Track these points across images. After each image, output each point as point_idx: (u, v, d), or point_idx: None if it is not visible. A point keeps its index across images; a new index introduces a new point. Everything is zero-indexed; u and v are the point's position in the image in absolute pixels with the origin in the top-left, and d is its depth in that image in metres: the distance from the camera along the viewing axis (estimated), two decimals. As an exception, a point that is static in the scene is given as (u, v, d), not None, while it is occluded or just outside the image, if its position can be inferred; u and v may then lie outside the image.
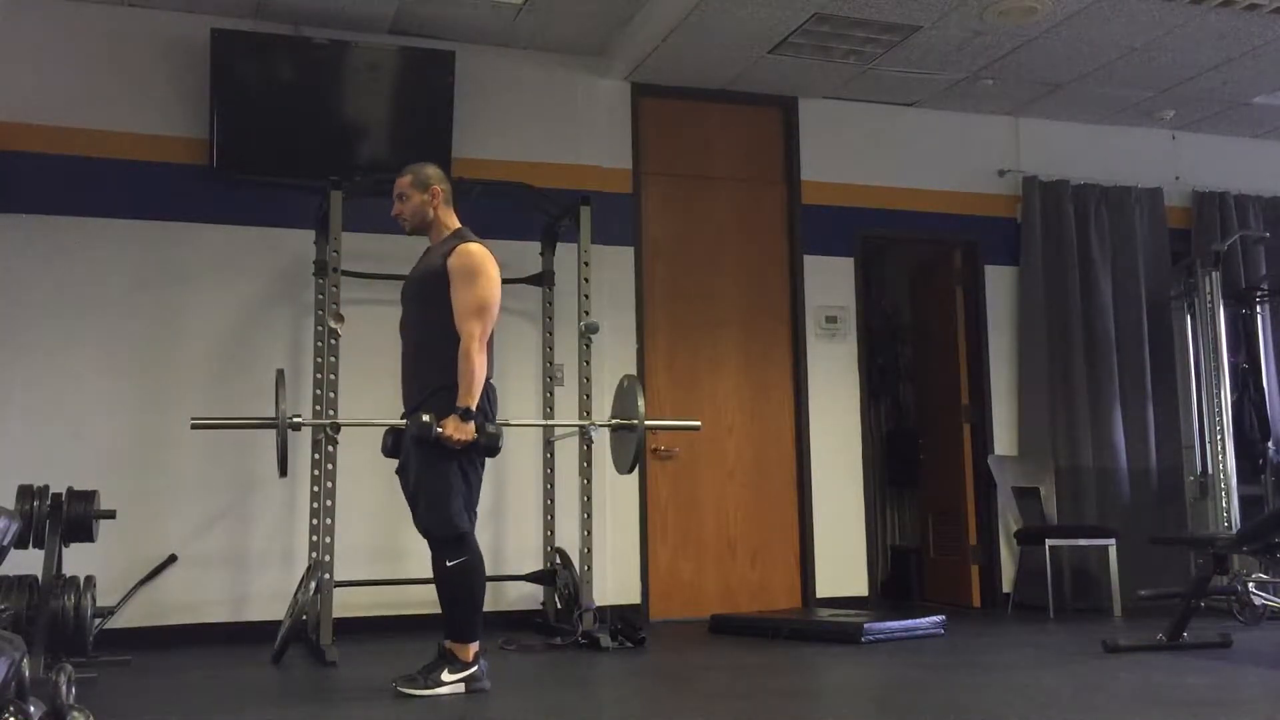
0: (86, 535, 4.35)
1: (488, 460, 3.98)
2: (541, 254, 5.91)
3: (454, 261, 3.92)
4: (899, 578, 7.58)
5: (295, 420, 4.82)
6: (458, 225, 4.14)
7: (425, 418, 3.76)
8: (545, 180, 5.93)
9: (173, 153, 5.70)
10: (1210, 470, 6.71)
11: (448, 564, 3.81)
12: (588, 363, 5.41)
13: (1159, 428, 7.03)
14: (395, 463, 4.06)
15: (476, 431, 3.79)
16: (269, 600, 5.43)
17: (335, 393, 4.92)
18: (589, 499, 5.34)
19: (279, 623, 4.92)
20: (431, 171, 4.15)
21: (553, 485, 5.81)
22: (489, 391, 3.93)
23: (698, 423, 5.74)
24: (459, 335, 3.84)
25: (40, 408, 5.37)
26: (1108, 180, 7.20)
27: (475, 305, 3.86)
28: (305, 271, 5.67)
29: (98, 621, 4.58)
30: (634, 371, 6.06)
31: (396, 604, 5.52)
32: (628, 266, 6.35)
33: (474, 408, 3.78)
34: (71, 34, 5.65)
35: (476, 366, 3.80)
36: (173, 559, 5.44)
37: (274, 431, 4.70)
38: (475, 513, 3.90)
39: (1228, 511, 6.53)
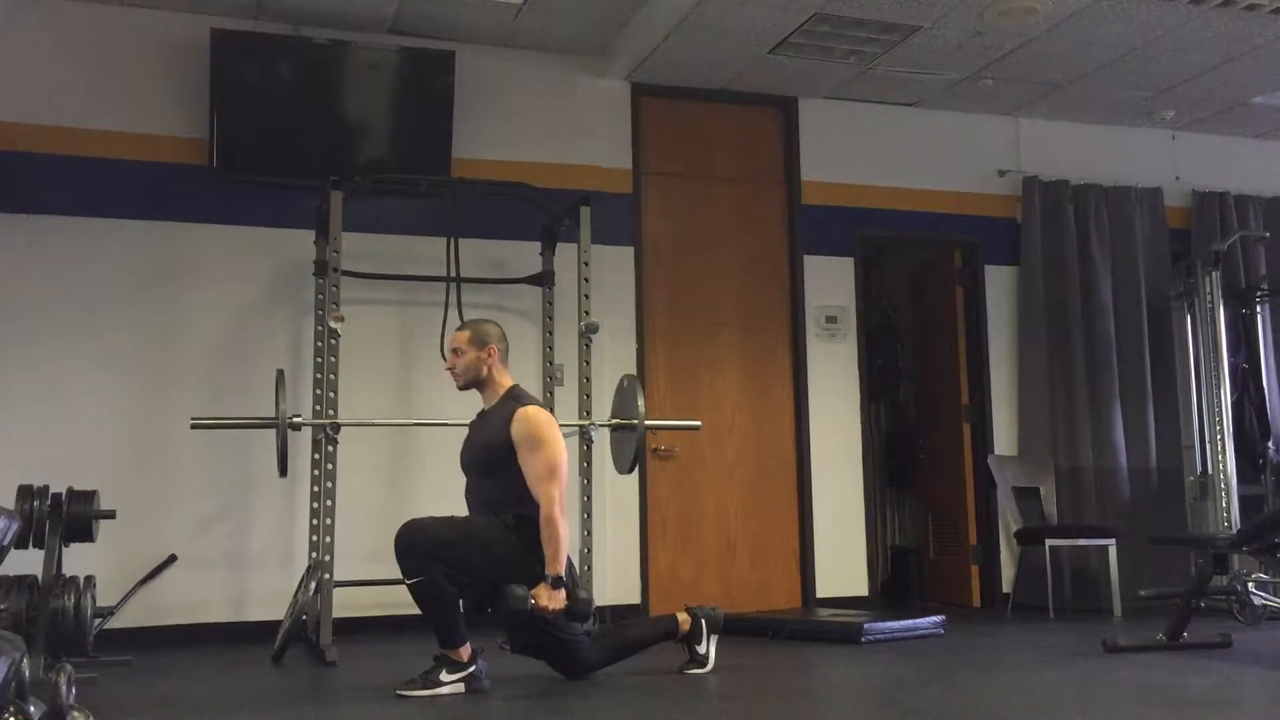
0: (86, 535, 4.35)
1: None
2: (541, 254, 5.90)
3: (517, 430, 3.91)
4: (899, 578, 7.58)
5: (295, 420, 4.83)
6: (511, 383, 4.14)
7: (519, 591, 3.74)
8: (545, 180, 5.93)
9: (173, 153, 5.70)
10: (1210, 470, 6.71)
11: (406, 582, 3.84)
12: (588, 363, 5.41)
13: (1159, 428, 7.02)
14: (395, 461, 4.06)
15: (567, 598, 3.80)
16: (269, 600, 5.43)
17: (335, 393, 4.92)
18: (589, 499, 5.34)
19: (279, 623, 4.92)
20: (490, 330, 4.16)
21: (553, 485, 5.80)
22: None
23: (698, 423, 5.75)
24: (532, 499, 3.84)
25: (40, 408, 5.37)
26: (1108, 180, 7.20)
27: (547, 470, 3.86)
28: (305, 271, 5.67)
29: (98, 621, 4.58)
30: (634, 371, 6.06)
31: (396, 604, 5.47)
32: (628, 266, 6.35)
33: (562, 574, 3.80)
34: (71, 34, 5.65)
35: (561, 532, 3.81)
36: (173, 559, 5.44)
37: (274, 431, 4.70)
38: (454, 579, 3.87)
39: (1228, 511, 6.53)
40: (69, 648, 4.02)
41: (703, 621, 4.22)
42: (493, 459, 3.96)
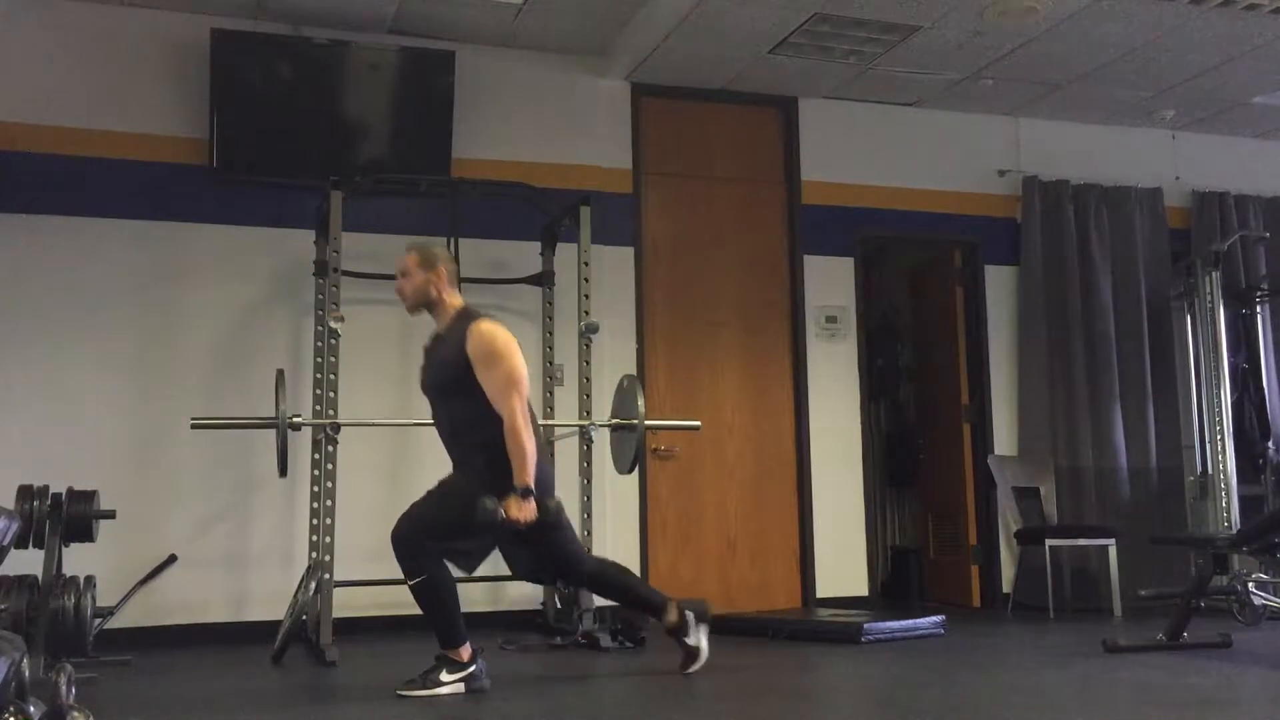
0: (86, 535, 4.35)
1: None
2: (541, 254, 5.91)
3: (472, 346, 3.86)
4: (899, 578, 7.58)
5: (295, 420, 4.83)
6: (461, 303, 4.08)
7: (489, 504, 3.73)
8: (545, 180, 5.93)
9: (173, 153, 5.70)
10: (1210, 470, 6.70)
11: (407, 582, 3.84)
12: (588, 363, 5.41)
13: (1159, 428, 7.02)
14: (395, 461, 4.07)
15: (537, 508, 3.79)
16: (269, 600, 5.43)
17: (335, 393, 4.92)
18: (589, 499, 5.34)
19: (279, 623, 4.92)
20: (438, 251, 4.11)
21: (553, 485, 5.81)
22: (543, 457, 3.94)
23: (698, 423, 5.75)
24: (496, 415, 3.81)
25: (40, 408, 5.37)
26: (1108, 180, 7.20)
27: (505, 382, 3.83)
28: (305, 271, 5.67)
29: (98, 621, 4.58)
30: (634, 371, 6.06)
31: (396, 604, 5.48)
32: (628, 266, 6.35)
33: (530, 484, 3.78)
34: (71, 34, 5.65)
35: (525, 442, 3.78)
36: (173, 559, 5.44)
37: (274, 431, 4.70)
38: (449, 554, 3.89)
39: (1228, 511, 6.53)
40: (69, 648, 4.02)
41: (688, 613, 4.17)
42: (453, 379, 3.90)
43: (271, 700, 4.01)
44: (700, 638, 4.17)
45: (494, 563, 5.35)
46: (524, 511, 3.76)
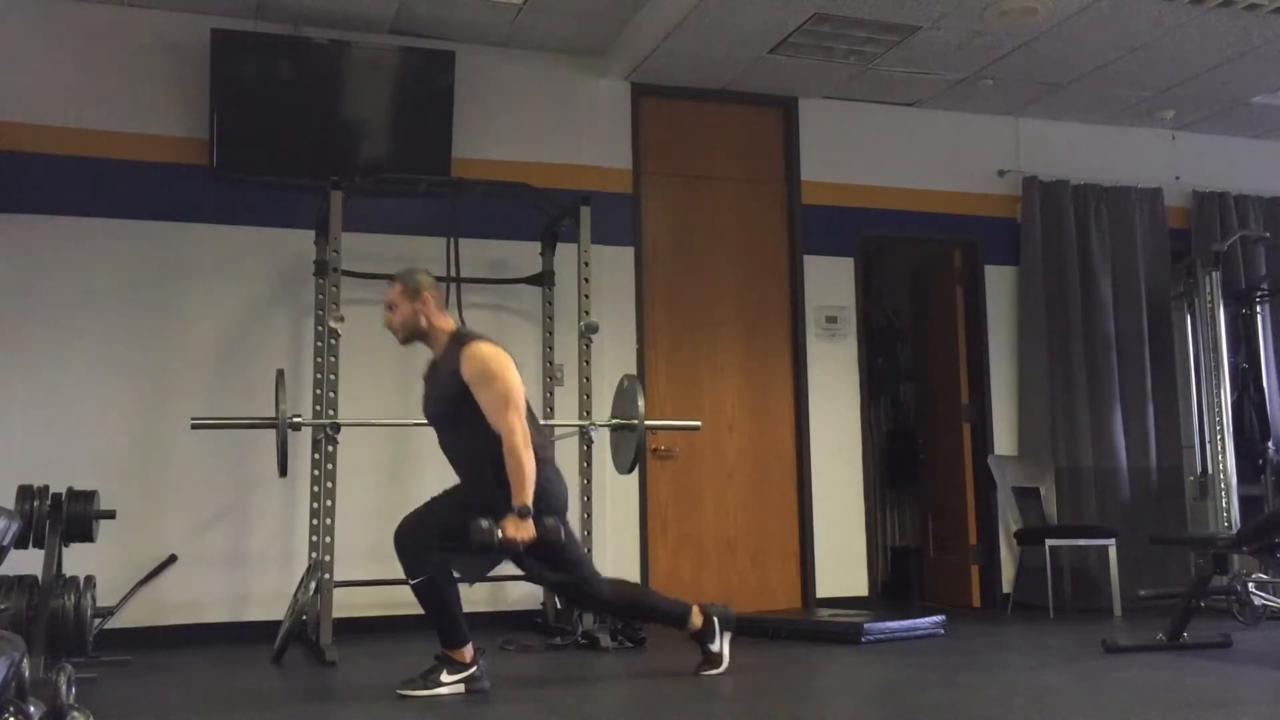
0: (86, 535, 4.35)
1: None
2: (541, 254, 5.91)
3: (466, 369, 3.86)
4: (899, 578, 7.58)
5: (295, 420, 4.83)
6: (452, 326, 4.06)
7: (484, 525, 3.72)
8: (545, 180, 5.93)
9: (173, 153, 5.70)
10: (1210, 470, 6.70)
11: (409, 582, 3.83)
12: (588, 363, 5.41)
13: (1159, 428, 7.03)
14: (395, 461, 4.06)
15: (535, 528, 3.77)
16: (269, 600, 5.43)
17: (335, 393, 4.92)
18: (589, 499, 5.34)
19: (279, 623, 4.92)
20: (423, 279, 4.05)
21: (553, 485, 5.81)
22: (549, 472, 3.92)
23: (698, 423, 5.75)
24: (497, 434, 3.80)
25: (40, 408, 5.37)
26: (1108, 180, 7.20)
27: (502, 401, 3.82)
28: (305, 271, 5.67)
29: (98, 621, 4.58)
30: (634, 371, 6.06)
31: (396, 604, 5.50)
32: (628, 266, 6.35)
33: (529, 503, 3.75)
34: (71, 34, 5.65)
35: (524, 461, 3.76)
36: (173, 559, 5.44)
37: (274, 431, 4.70)
38: (450, 557, 3.87)
39: (1228, 511, 6.53)
40: (69, 648, 4.02)
41: (715, 619, 4.18)
42: (454, 405, 3.90)
43: (271, 700, 4.01)
44: (724, 645, 4.18)
45: (494, 563, 5.35)
46: (521, 531, 3.73)
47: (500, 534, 3.72)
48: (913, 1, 5.51)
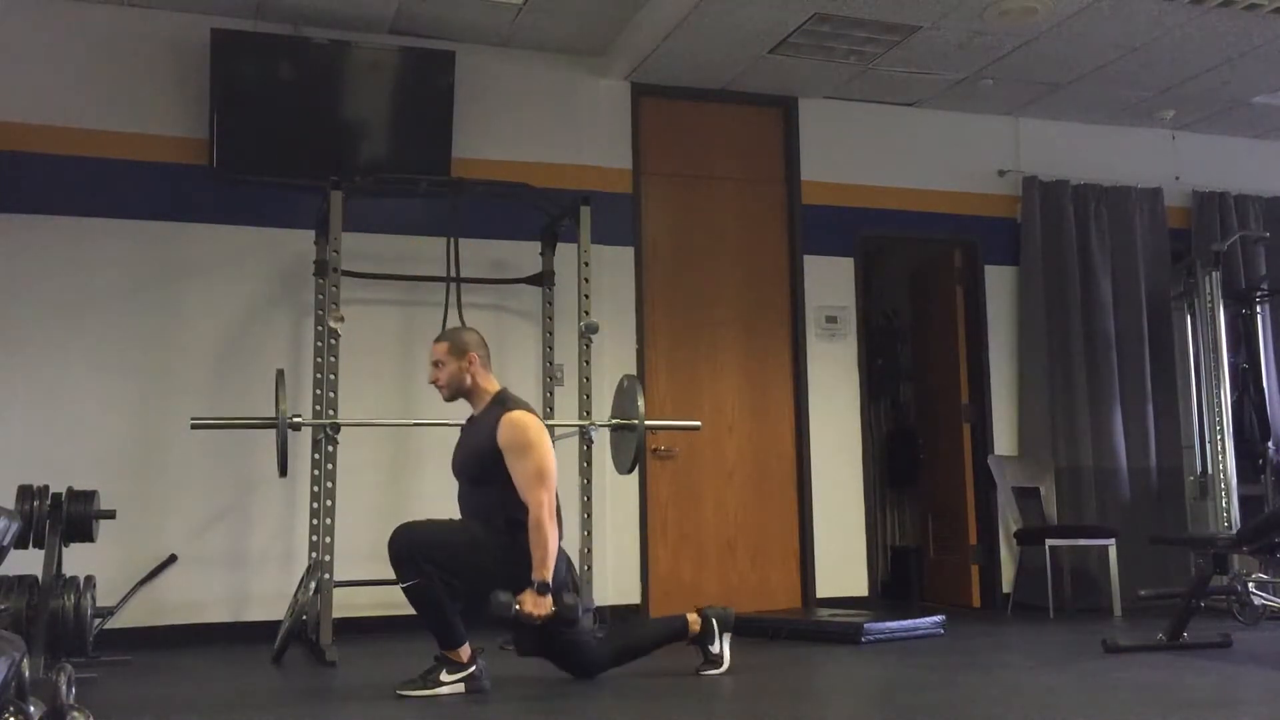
0: (86, 535, 4.35)
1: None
2: (541, 254, 5.90)
3: (504, 436, 3.89)
4: (899, 578, 7.58)
5: (295, 420, 4.83)
6: (497, 388, 4.11)
7: (503, 597, 3.75)
8: (545, 180, 5.93)
9: (173, 153, 5.70)
10: (1210, 470, 6.70)
11: (400, 585, 3.84)
12: (588, 363, 5.41)
13: (1159, 428, 7.02)
14: (395, 461, 4.06)
15: (554, 604, 3.80)
16: (269, 600, 5.43)
17: (335, 393, 4.92)
18: (589, 499, 5.33)
19: (279, 623, 4.92)
20: (469, 337, 4.13)
21: (553, 485, 5.81)
22: (562, 556, 3.95)
23: (698, 423, 5.75)
24: (521, 503, 3.83)
25: (40, 408, 5.37)
26: (1108, 180, 7.20)
27: (536, 474, 3.85)
28: (305, 271, 5.67)
29: (98, 621, 4.57)
30: (634, 371, 6.06)
31: (396, 604, 5.44)
32: (628, 266, 6.35)
33: (549, 580, 3.79)
34: (71, 34, 5.65)
35: (549, 538, 3.80)
36: (173, 559, 5.44)
37: (274, 431, 4.70)
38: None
39: (1228, 511, 6.53)
40: (69, 648, 4.02)
41: (714, 620, 4.21)
42: (482, 466, 3.95)
43: (271, 700, 4.01)
44: (724, 645, 4.20)
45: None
46: (540, 607, 3.77)
47: (518, 608, 3.75)
48: (913, 1, 5.51)
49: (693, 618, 4.23)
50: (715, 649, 4.19)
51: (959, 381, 7.07)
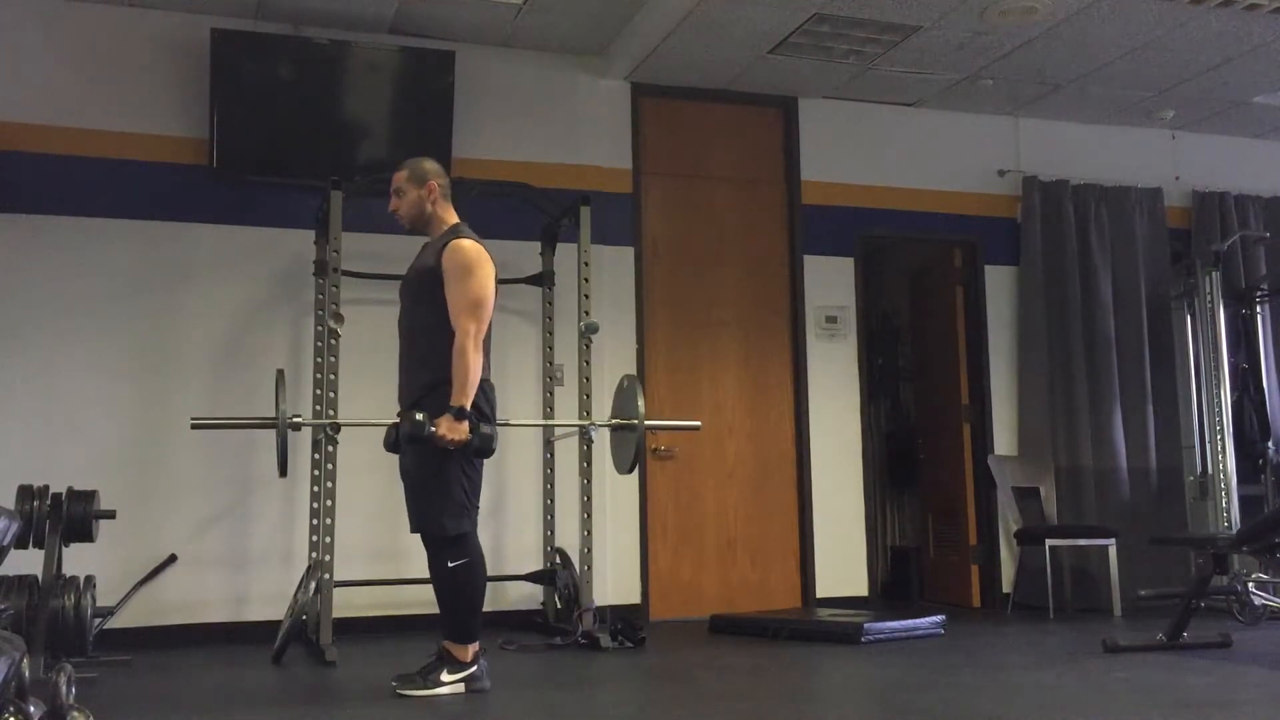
0: (86, 535, 4.35)
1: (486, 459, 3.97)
2: (541, 254, 5.91)
3: (446, 259, 3.86)
4: (899, 578, 7.58)
5: (295, 420, 4.83)
6: (455, 220, 4.08)
7: (419, 416, 3.73)
8: (545, 180, 5.93)
9: (173, 153, 5.70)
10: (1210, 470, 6.71)
11: (449, 565, 3.79)
12: (588, 363, 5.41)
13: (1159, 428, 7.02)
14: (395, 461, 4.05)
15: (470, 432, 3.75)
16: (269, 600, 5.43)
17: (335, 393, 4.92)
18: (589, 499, 5.34)
19: (279, 623, 4.92)
20: (429, 166, 4.09)
21: (553, 485, 5.82)
22: (487, 391, 3.89)
23: (698, 423, 5.75)
24: (454, 332, 3.80)
25: (40, 408, 5.37)
26: (1108, 180, 7.20)
27: (468, 302, 3.81)
28: (305, 271, 5.67)
29: (98, 621, 4.58)
30: (634, 371, 6.06)
31: (396, 604, 5.52)
32: (628, 266, 6.35)
33: (468, 407, 3.74)
34: (71, 34, 5.64)
35: (471, 365, 3.75)
36: (173, 559, 5.44)
37: (274, 431, 4.70)
38: (475, 513, 3.89)
39: (1228, 511, 6.54)
40: (69, 648, 4.03)
41: (478, 665, 3.83)
42: (422, 285, 3.91)
43: (271, 700, 4.01)
44: (453, 686, 3.79)
45: (494, 563, 5.37)
46: (455, 432, 3.70)
47: (433, 429, 3.69)
48: (913, 1, 5.51)
49: (474, 649, 3.85)
50: (446, 676, 3.79)
51: (959, 381, 7.07)
